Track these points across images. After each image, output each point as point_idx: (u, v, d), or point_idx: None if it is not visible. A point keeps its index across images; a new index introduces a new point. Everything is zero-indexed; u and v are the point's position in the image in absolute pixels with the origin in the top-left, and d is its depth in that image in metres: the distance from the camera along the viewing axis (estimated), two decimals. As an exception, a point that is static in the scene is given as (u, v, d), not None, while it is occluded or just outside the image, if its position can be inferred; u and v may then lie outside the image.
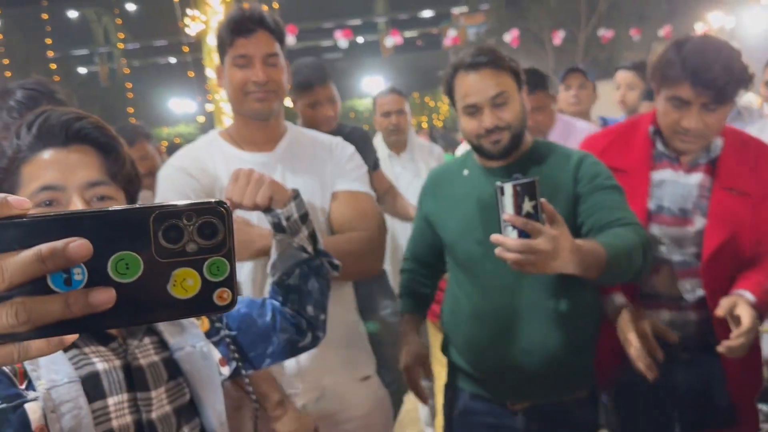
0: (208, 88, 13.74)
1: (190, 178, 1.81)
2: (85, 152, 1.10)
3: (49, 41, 22.56)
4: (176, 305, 0.54)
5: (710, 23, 20.95)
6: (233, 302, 0.55)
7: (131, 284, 0.52)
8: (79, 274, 0.51)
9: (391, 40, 20.59)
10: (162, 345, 1.19)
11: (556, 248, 1.39)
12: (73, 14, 26.55)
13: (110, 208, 0.53)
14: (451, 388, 2.09)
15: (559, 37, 22.01)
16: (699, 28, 21.51)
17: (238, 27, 1.78)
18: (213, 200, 0.55)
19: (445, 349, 2.11)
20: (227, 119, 13.35)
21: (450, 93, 1.93)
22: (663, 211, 1.89)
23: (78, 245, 0.49)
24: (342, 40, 17.33)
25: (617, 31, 23.06)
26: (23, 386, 0.96)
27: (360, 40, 26.18)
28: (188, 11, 13.52)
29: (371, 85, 22.79)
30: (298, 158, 1.92)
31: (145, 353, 1.15)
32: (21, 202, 0.51)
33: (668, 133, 1.86)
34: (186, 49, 15.64)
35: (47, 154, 1.07)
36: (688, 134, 1.79)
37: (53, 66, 22.05)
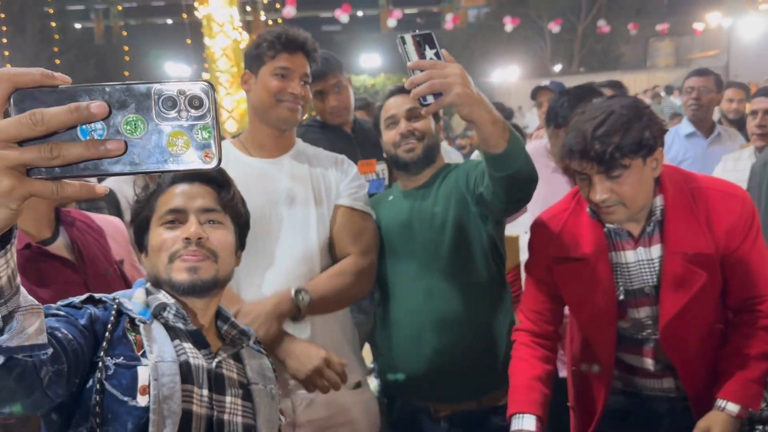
0: (205, 56, 13.54)
1: None
2: (204, 187, 1.40)
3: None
4: (171, 160, 0.69)
5: (708, 23, 20.98)
6: (218, 162, 0.70)
7: (138, 140, 0.68)
8: (100, 130, 0.68)
9: (392, 21, 20.41)
10: (243, 374, 1.38)
11: (463, 76, 1.48)
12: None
13: (123, 83, 0.69)
14: (384, 397, 2.18)
15: (557, 26, 21.95)
16: (698, 27, 21.56)
17: (286, 44, 1.95)
18: (201, 80, 0.71)
19: (375, 359, 2.21)
20: (222, 89, 13.20)
21: (377, 125, 2.12)
22: (636, 294, 1.78)
23: (98, 105, 0.67)
24: (343, 15, 17.13)
25: (616, 24, 23.04)
26: (140, 353, 1.21)
27: (360, 13, 25.93)
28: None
29: (369, 61, 22.62)
30: (301, 167, 2.04)
31: (229, 368, 1.34)
32: (64, 77, 0.70)
33: (593, 208, 1.75)
34: (185, 15, 15.45)
35: (177, 188, 1.39)
36: (604, 206, 1.66)
37: (51, 23, 21.65)
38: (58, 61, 20.23)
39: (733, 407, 1.67)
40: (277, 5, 19.41)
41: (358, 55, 23.15)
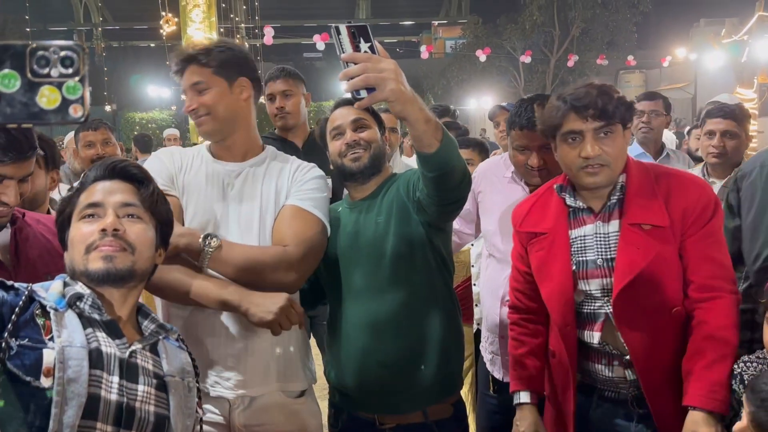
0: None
1: (160, 162, 2.01)
2: (124, 184, 1.43)
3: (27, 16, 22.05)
4: (43, 113, 0.74)
5: (676, 56, 21.51)
6: (85, 117, 0.76)
7: (11, 94, 0.73)
8: None
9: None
10: (159, 366, 1.38)
11: (397, 72, 1.46)
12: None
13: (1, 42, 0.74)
14: (332, 407, 2.16)
15: (527, 58, 22.32)
16: (665, 61, 22.09)
17: (177, 67, 1.95)
18: (73, 41, 0.77)
19: (325, 369, 2.19)
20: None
21: (324, 137, 2.11)
22: (588, 266, 1.84)
23: None
24: (320, 42, 17.25)
25: (587, 56, 23.50)
26: (47, 337, 1.22)
27: (339, 42, 26.10)
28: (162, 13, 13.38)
29: (347, 87, 22.74)
30: (262, 172, 2.02)
31: (144, 359, 1.35)
32: None
33: (573, 174, 1.83)
34: (165, 38, 15.51)
35: (98, 185, 1.43)
36: (590, 164, 1.77)
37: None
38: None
39: (700, 415, 1.67)
40: (256, 31, 19.52)
41: (338, 82, 23.28)
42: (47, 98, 0.74)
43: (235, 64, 1.94)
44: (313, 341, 3.20)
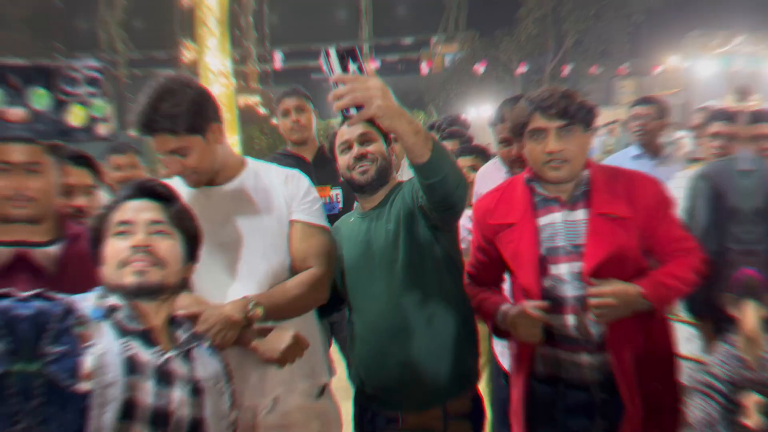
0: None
1: None
2: (152, 202, 1.46)
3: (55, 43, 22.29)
4: (72, 131, 0.76)
5: (668, 64, 21.46)
6: (111, 134, 0.73)
7: (42, 112, 0.75)
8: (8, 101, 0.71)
9: (373, 70, 20.72)
10: (193, 372, 1.41)
11: (384, 89, 1.49)
12: (81, 23, 26.34)
13: (30, 64, 0.74)
14: (357, 407, 2.16)
15: (524, 68, 22.31)
16: (658, 69, 22.05)
17: (141, 131, 1.70)
18: (98, 62, 0.75)
19: (349, 371, 2.21)
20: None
21: (332, 151, 2.14)
22: (558, 252, 1.90)
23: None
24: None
25: (580, 65, 23.46)
26: (85, 345, 1.25)
27: (345, 62, 26.19)
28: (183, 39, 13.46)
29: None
30: (252, 189, 1.96)
31: (178, 365, 1.37)
32: None
33: (538, 168, 1.91)
34: (183, 63, 15.65)
35: (128, 204, 1.45)
36: (553, 159, 1.85)
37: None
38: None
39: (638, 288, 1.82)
40: (267, 57, 19.65)
41: (344, 99, 23.33)
42: (75, 116, 0.77)
43: (202, 114, 1.79)
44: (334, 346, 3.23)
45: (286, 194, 1.98)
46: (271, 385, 1.87)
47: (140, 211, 1.43)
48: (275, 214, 1.96)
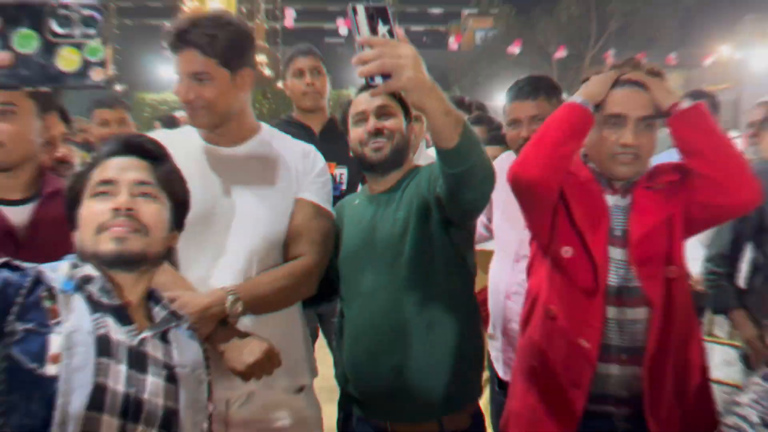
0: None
1: None
2: (139, 160, 1.40)
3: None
4: (62, 76, 0.76)
5: (720, 54, 21.23)
6: (106, 81, 0.76)
7: (29, 55, 0.73)
8: None
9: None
10: (169, 356, 1.38)
11: (416, 59, 1.42)
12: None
13: (16, 1, 0.72)
14: (342, 411, 2.16)
15: (563, 53, 22.15)
16: (708, 60, 21.84)
17: (171, 42, 1.83)
18: (93, 2, 0.75)
19: (336, 372, 2.18)
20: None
21: (345, 122, 2.10)
22: (615, 233, 1.91)
23: None
24: (343, 27, 17.25)
25: (625, 53, 23.28)
26: (54, 322, 1.21)
27: (363, 28, 26.06)
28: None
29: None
30: (265, 156, 1.97)
31: (153, 348, 1.35)
32: None
33: (603, 158, 1.91)
34: (184, 10, 15.53)
35: (111, 161, 1.39)
36: (625, 153, 1.86)
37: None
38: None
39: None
40: (277, 13, 19.54)
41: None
42: (67, 60, 0.74)
43: (240, 53, 1.86)
44: (322, 341, 3.21)
45: (299, 169, 1.98)
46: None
47: (125, 169, 1.37)
48: (282, 188, 1.95)
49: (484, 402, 2.46)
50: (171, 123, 7.07)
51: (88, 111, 3.55)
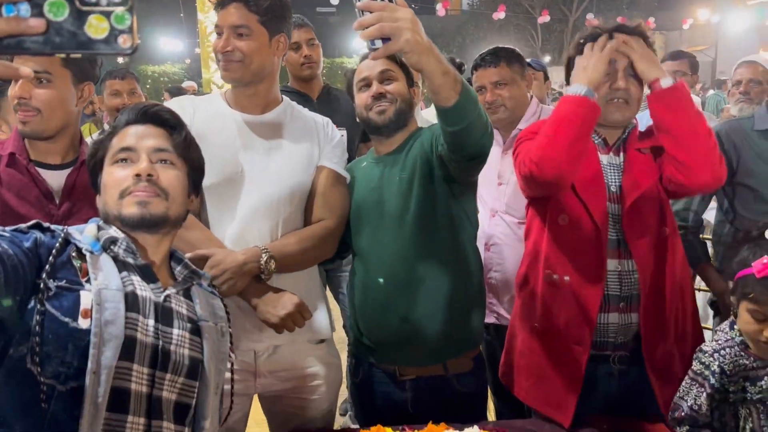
0: (197, 31, 13.39)
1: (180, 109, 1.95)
2: (157, 129, 1.43)
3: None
4: (91, 43, 0.74)
5: (697, 18, 21.06)
6: (134, 48, 0.74)
7: (60, 22, 0.72)
8: (25, 11, 0.72)
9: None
10: (193, 311, 1.41)
11: (414, 21, 1.43)
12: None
13: None
14: (353, 357, 2.20)
15: (547, 17, 21.92)
16: (686, 23, 21.68)
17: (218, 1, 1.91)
18: None
19: (349, 322, 2.19)
20: (213, 64, 13.07)
21: (351, 89, 2.11)
22: (610, 190, 1.93)
23: None
24: (335, -5, 16.96)
25: (606, 16, 23.07)
26: (84, 279, 1.23)
27: (354, -3, 25.66)
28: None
29: (362, 43, 22.51)
30: (287, 124, 2.00)
31: (178, 304, 1.37)
32: None
33: (600, 105, 1.87)
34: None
35: (130, 129, 1.42)
36: (618, 98, 1.88)
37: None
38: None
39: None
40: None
41: (351, 38, 23.02)
42: (95, 27, 0.73)
43: (280, 17, 1.92)
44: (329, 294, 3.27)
45: (320, 138, 2.02)
46: (269, 333, 1.88)
47: (143, 137, 1.40)
48: (305, 152, 1.98)
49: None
50: (179, 94, 7.05)
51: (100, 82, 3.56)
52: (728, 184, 2.52)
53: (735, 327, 1.76)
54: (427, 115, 3.47)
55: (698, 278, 2.84)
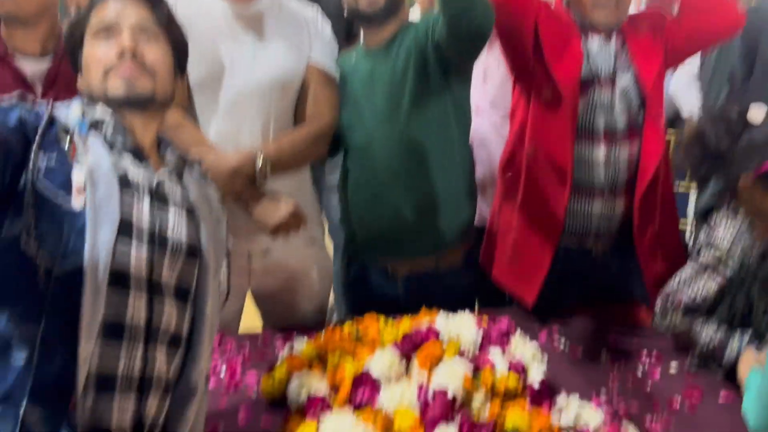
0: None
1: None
2: (139, 3, 1.32)
3: None
4: None
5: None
6: None
7: None
8: None
9: None
10: (186, 195, 1.35)
11: None
12: None
13: None
14: (346, 256, 2.20)
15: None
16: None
17: None
18: None
19: (342, 220, 2.18)
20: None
21: None
22: (601, 74, 1.90)
23: None
24: None
25: None
26: (74, 158, 1.16)
27: None
28: None
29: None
30: (275, 13, 1.92)
31: (171, 188, 1.31)
32: None
33: (586, 8, 1.89)
34: None
35: (110, 3, 1.31)
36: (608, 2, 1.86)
37: None
38: None
39: None
40: None
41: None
42: None
43: None
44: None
45: (311, 31, 1.95)
46: (263, 234, 1.86)
47: (125, 11, 1.30)
48: (296, 43, 1.91)
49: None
50: None
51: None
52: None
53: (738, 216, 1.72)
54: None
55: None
